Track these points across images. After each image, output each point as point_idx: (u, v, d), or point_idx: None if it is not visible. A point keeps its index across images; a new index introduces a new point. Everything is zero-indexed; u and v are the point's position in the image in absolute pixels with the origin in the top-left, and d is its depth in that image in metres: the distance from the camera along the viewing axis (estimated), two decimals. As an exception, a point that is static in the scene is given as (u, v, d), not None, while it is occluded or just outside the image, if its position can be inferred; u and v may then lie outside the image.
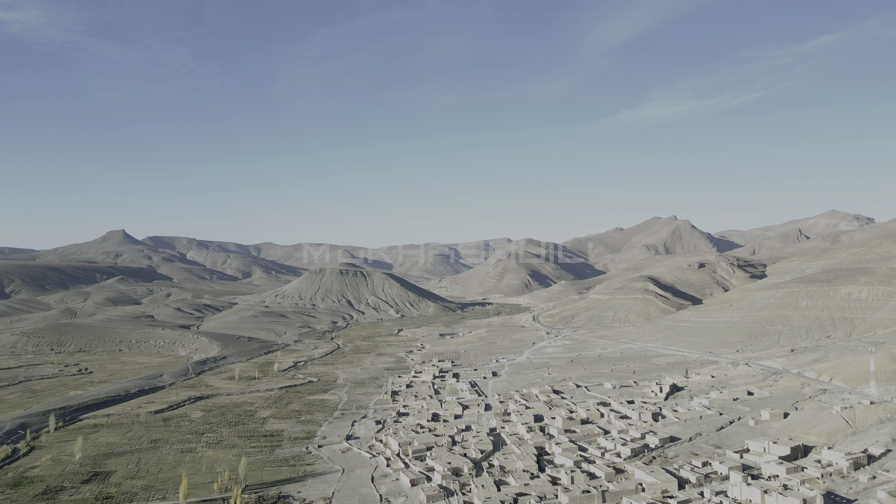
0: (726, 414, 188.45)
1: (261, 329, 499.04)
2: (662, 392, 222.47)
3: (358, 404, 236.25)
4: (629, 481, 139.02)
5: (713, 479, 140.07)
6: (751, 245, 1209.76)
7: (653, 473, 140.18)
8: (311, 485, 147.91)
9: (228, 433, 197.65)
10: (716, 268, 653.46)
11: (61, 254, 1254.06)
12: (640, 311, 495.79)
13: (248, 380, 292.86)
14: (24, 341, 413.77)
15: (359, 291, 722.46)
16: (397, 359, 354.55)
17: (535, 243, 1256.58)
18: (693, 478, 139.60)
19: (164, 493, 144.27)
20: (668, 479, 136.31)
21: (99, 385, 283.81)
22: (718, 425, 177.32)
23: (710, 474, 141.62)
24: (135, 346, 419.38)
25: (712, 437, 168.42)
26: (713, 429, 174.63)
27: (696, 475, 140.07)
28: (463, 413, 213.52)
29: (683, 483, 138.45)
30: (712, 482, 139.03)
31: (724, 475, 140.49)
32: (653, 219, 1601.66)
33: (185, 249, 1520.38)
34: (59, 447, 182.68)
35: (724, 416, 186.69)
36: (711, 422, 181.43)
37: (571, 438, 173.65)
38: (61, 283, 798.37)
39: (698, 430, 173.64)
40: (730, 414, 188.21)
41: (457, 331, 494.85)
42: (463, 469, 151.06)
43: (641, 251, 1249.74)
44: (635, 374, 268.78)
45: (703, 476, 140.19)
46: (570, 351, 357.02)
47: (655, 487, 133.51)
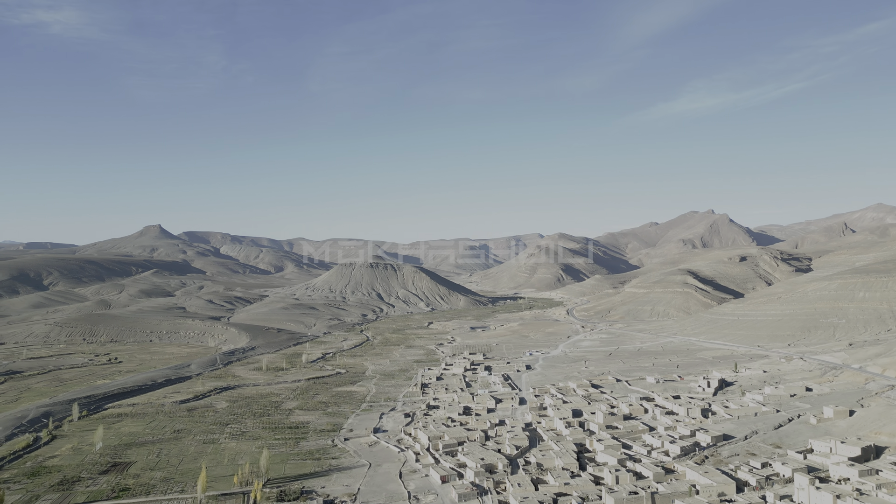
0: (784, 411, 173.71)
1: (290, 321, 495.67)
2: (710, 387, 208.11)
3: (386, 396, 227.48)
4: (680, 482, 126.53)
5: (775, 482, 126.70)
6: (792, 239, 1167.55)
7: (707, 474, 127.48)
8: (336, 479, 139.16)
9: (253, 424, 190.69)
10: (758, 261, 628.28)
11: (100, 248, 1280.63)
12: (680, 305, 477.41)
13: (275, 370, 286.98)
14: (57, 331, 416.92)
15: (389, 284, 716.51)
16: (427, 351, 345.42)
17: (568, 238, 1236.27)
18: (752, 480, 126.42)
19: (183, 485, 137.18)
20: (724, 481, 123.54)
21: (127, 374, 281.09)
22: (776, 423, 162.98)
23: (772, 476, 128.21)
24: (165, 336, 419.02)
25: (770, 435, 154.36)
26: (770, 427, 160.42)
27: (756, 477, 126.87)
28: (496, 407, 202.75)
29: (742, 485, 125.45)
30: (774, 485, 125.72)
31: (788, 477, 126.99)
32: (689, 213, 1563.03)
33: (219, 244, 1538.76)
34: (80, 436, 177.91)
35: (781, 413, 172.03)
36: (768, 419, 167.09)
37: (614, 435, 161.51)
38: (98, 276, 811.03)
39: (754, 428, 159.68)
40: (788, 411, 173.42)
41: (488, 324, 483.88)
42: (497, 466, 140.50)
43: (677, 245, 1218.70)
44: (679, 369, 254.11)
45: (763, 478, 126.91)
46: (608, 344, 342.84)
47: (711, 490, 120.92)
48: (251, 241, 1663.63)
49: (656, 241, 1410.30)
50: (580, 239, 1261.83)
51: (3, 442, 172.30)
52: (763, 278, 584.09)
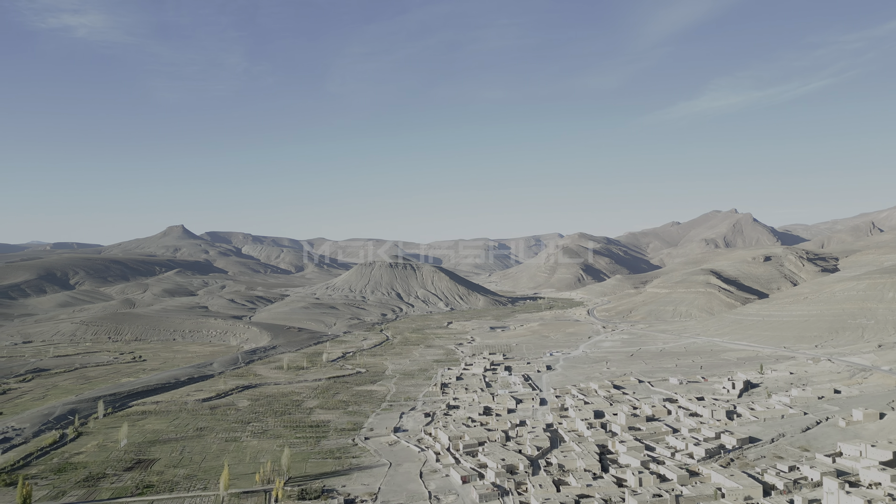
0: (812, 413, 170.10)
1: (311, 320, 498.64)
2: (735, 388, 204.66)
3: (406, 396, 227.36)
4: (705, 485, 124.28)
5: (803, 486, 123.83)
6: (818, 239, 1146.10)
7: (732, 477, 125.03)
8: (357, 479, 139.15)
9: (274, 423, 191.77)
10: (783, 261, 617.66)
11: (124, 248, 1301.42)
12: (703, 305, 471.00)
13: (296, 369, 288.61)
14: (83, 330, 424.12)
15: (408, 284, 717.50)
16: (447, 351, 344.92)
17: (588, 237, 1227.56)
18: (780, 483, 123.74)
19: (206, 482, 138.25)
20: (750, 485, 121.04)
21: (151, 372, 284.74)
22: (804, 426, 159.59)
23: (800, 480, 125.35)
24: (188, 335, 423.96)
25: (798, 438, 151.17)
26: (798, 429, 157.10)
27: (784, 481, 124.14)
28: (516, 407, 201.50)
29: (769, 489, 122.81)
30: (802, 489, 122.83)
31: (816, 481, 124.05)
32: (711, 212, 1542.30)
33: (240, 244, 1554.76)
34: (105, 433, 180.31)
35: (809, 415, 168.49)
36: (795, 421, 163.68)
37: (636, 436, 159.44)
38: (123, 276, 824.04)
39: (780, 431, 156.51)
40: (816, 413, 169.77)
41: (508, 324, 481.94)
42: (518, 467, 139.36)
43: (700, 245, 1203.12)
44: (703, 370, 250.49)
45: (791, 482, 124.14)
46: (629, 345, 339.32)
47: (737, 493, 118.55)
48: (272, 241, 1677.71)
49: (678, 240, 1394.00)
50: (601, 239, 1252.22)
51: (31, 438, 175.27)
52: (788, 278, 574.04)
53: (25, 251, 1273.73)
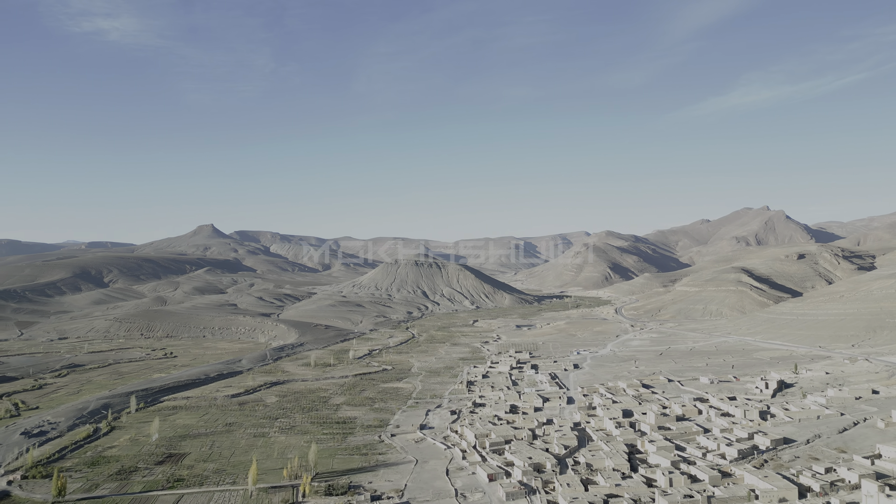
0: (848, 414, 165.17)
1: (338, 318, 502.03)
2: (769, 388, 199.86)
3: (432, 393, 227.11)
4: (738, 487, 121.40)
5: (840, 488, 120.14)
6: (854, 236, 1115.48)
7: (767, 479, 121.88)
8: (383, 475, 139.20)
9: (301, 419, 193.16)
10: (817, 259, 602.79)
11: (156, 247, 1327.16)
12: (734, 304, 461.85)
13: (323, 366, 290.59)
14: (116, 326, 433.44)
15: (434, 282, 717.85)
16: (472, 349, 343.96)
17: (616, 235, 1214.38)
18: (816, 485, 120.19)
19: (235, 477, 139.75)
20: (785, 486, 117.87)
21: (181, 368, 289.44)
22: (840, 427, 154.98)
23: (837, 482, 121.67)
24: (217, 332, 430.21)
25: (834, 439, 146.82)
26: (834, 430, 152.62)
27: (820, 483, 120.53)
28: (543, 406, 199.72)
29: (804, 491, 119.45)
30: (839, 491, 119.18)
31: (854, 484, 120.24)
32: (743, 209, 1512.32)
33: (268, 243, 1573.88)
34: (137, 428, 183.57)
35: (846, 416, 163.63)
36: (831, 422, 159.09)
37: (666, 436, 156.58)
38: (154, 274, 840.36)
39: (816, 432, 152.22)
40: (853, 414, 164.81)
41: (534, 322, 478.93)
42: (545, 465, 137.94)
43: (730, 243, 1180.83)
44: (734, 369, 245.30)
45: (827, 484, 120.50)
46: (658, 344, 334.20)
47: (771, 495, 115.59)
48: (299, 239, 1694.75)
49: (708, 238, 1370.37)
50: (628, 237, 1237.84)
51: (66, 432, 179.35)
52: (823, 277, 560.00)
53: (61, 250, 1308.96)
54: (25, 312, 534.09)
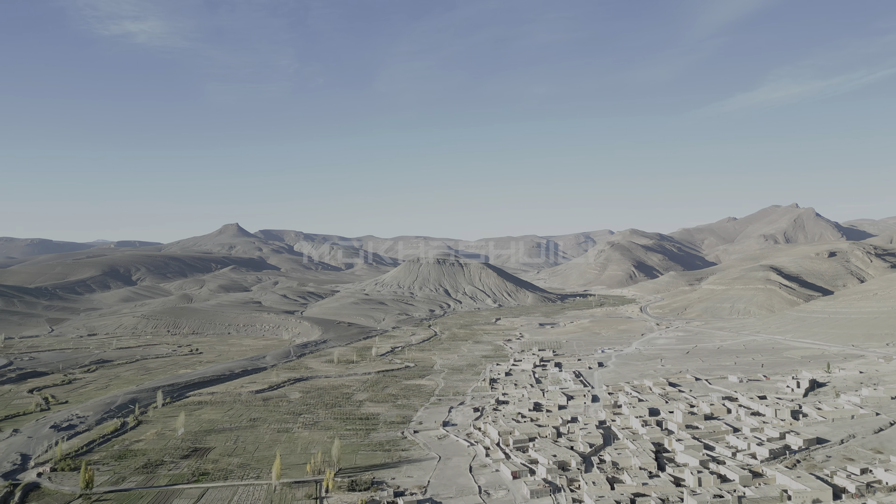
0: (884, 414, 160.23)
1: (360, 315, 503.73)
2: (800, 387, 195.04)
3: (455, 391, 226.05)
4: (770, 487, 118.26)
5: (877, 490, 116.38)
6: (886, 234, 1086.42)
7: (799, 479, 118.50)
8: (406, 471, 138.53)
9: (324, 415, 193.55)
10: (849, 256, 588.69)
11: (183, 245, 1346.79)
12: (762, 303, 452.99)
13: (346, 363, 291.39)
14: (143, 323, 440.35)
15: (456, 281, 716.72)
16: (495, 347, 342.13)
17: (640, 234, 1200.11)
18: (851, 487, 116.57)
19: (259, 471, 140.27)
20: (819, 487, 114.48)
21: (207, 365, 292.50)
22: (876, 427, 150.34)
23: (873, 483, 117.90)
24: (242, 329, 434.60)
25: (870, 439, 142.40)
26: (870, 430, 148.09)
27: (855, 484, 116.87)
28: (567, 403, 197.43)
29: (839, 492, 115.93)
30: (876, 493, 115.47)
31: (892, 485, 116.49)
32: (770, 207, 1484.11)
33: (292, 242, 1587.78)
34: (164, 422, 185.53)
35: (881, 416, 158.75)
36: (867, 422, 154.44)
37: (694, 435, 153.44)
38: (181, 272, 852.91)
39: (851, 432, 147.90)
40: (889, 414, 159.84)
41: (557, 321, 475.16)
42: (570, 463, 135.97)
43: (758, 241, 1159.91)
44: (764, 368, 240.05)
45: (863, 485, 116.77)
46: (685, 342, 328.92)
47: (804, 496, 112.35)
48: (323, 238, 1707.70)
49: (734, 236, 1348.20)
50: (653, 235, 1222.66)
51: (94, 426, 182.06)
52: (855, 275, 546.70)
53: (91, 249, 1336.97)
54: (56, 309, 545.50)
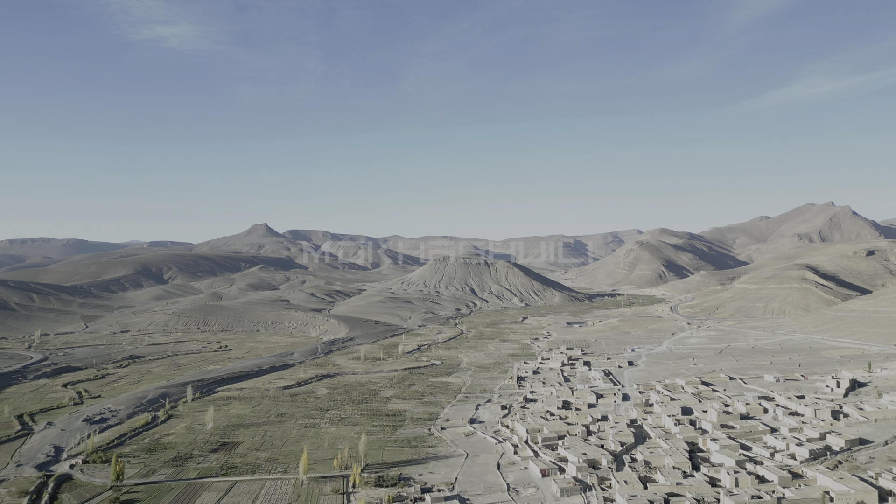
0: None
1: (387, 314, 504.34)
2: (840, 387, 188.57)
3: (482, 388, 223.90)
4: (811, 488, 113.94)
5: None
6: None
7: (842, 480, 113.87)
8: (433, 468, 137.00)
9: (351, 411, 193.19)
10: (888, 255, 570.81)
11: (213, 245, 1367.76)
12: (797, 302, 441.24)
13: (373, 360, 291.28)
14: (174, 320, 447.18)
15: (482, 280, 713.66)
16: (522, 345, 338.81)
17: (670, 233, 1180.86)
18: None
19: (286, 466, 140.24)
20: (863, 489, 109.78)
21: (235, 361, 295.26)
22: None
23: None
24: (270, 326, 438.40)
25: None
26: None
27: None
28: (597, 402, 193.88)
29: (885, 495, 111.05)
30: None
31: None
32: (805, 206, 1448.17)
33: (320, 241, 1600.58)
34: (193, 416, 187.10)
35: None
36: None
37: (730, 435, 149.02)
38: (211, 271, 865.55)
39: (895, 433, 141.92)
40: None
41: (585, 320, 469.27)
42: (601, 462, 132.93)
43: (792, 240, 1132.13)
44: (801, 367, 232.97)
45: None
46: (718, 342, 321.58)
47: (848, 498, 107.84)
48: (350, 238, 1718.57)
49: (767, 235, 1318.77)
50: (683, 234, 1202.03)
51: (125, 419, 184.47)
52: (894, 274, 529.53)
53: (125, 249, 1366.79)
54: (90, 307, 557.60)
